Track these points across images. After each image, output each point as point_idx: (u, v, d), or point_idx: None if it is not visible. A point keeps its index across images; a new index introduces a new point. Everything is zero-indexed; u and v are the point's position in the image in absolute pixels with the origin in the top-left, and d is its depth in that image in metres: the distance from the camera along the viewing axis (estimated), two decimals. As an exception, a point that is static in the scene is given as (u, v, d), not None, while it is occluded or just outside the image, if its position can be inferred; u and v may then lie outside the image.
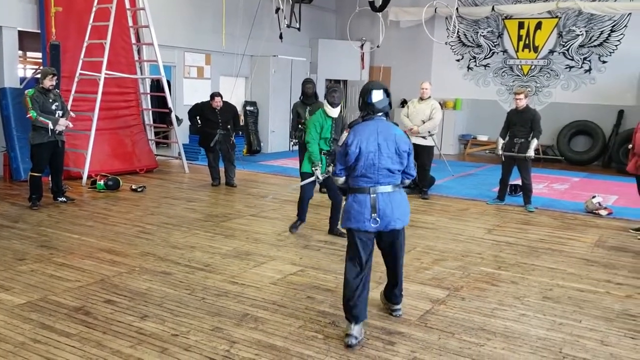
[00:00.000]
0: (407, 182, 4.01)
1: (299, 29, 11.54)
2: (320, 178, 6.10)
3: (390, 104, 3.91)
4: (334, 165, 4.06)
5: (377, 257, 4.04)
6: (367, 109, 3.88)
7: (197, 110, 9.25)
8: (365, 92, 3.88)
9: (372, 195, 3.78)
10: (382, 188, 3.80)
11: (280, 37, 11.28)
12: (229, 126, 9.03)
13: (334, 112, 6.07)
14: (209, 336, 3.80)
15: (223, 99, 9.09)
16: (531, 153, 7.99)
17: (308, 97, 8.59)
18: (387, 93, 3.91)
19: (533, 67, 14.33)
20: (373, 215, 3.76)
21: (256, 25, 12.17)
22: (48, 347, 3.59)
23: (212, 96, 9.02)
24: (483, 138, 14.72)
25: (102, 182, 8.54)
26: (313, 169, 6.11)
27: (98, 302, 4.34)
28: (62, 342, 3.65)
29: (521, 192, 8.52)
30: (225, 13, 12.04)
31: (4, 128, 8.96)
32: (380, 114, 3.87)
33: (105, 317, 4.07)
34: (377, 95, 3.84)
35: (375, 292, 4.42)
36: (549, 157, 12.42)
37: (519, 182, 8.56)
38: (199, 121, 9.13)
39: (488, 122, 14.16)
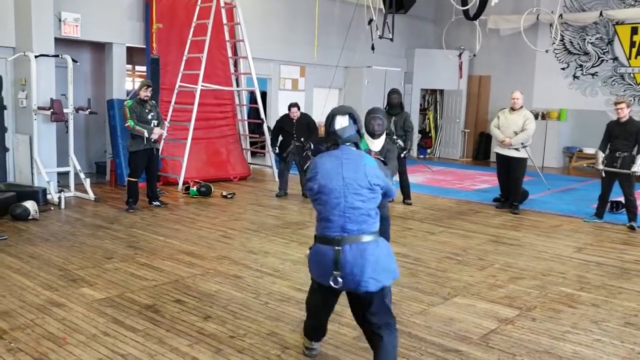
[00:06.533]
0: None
1: (391, 40, 11.47)
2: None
3: (359, 131, 3.27)
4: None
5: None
6: (330, 138, 3.26)
7: (277, 130, 9.23)
8: (328, 119, 3.30)
9: (336, 248, 3.05)
10: (350, 238, 3.05)
11: (372, 48, 11.29)
12: (302, 138, 8.88)
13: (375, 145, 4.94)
14: (264, 340, 3.88)
15: (300, 110, 9.06)
16: (637, 168, 7.38)
17: (393, 107, 8.56)
18: (354, 119, 3.25)
19: (648, 75, 13.22)
20: (335, 273, 3.05)
21: (350, 37, 12.29)
22: (115, 340, 3.83)
23: (290, 107, 9.00)
24: (590, 151, 13.71)
25: (195, 188, 9.00)
26: None
27: (168, 301, 4.57)
28: (128, 337, 3.88)
29: (623, 210, 7.87)
30: (320, 25, 12.29)
31: (111, 137, 9.74)
32: (348, 143, 3.22)
33: (172, 315, 4.27)
34: (340, 122, 3.21)
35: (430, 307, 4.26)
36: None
37: (621, 198, 7.90)
38: (278, 143, 9.18)
39: (595, 134, 13.05)
